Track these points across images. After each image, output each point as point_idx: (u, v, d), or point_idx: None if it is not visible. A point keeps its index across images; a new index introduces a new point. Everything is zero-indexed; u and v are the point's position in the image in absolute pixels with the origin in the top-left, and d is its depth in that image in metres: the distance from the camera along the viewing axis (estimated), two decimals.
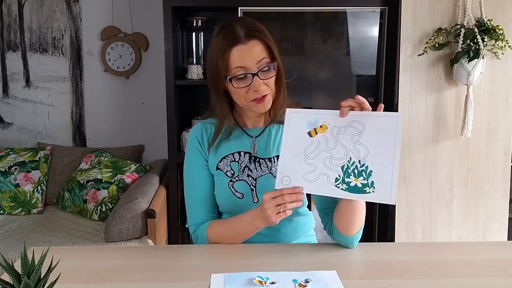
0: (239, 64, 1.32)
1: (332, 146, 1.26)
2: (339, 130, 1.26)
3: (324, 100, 2.94)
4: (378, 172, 1.21)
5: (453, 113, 2.60)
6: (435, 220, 2.67)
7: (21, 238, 2.48)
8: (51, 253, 0.97)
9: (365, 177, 1.22)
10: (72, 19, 3.19)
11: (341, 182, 1.24)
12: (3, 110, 3.29)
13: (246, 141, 1.46)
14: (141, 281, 1.18)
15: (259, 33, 1.35)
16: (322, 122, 1.28)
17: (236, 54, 1.32)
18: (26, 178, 2.90)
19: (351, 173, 1.23)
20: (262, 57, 1.34)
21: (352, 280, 1.17)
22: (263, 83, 1.34)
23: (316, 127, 1.28)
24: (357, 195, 1.23)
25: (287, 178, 1.29)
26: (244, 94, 1.36)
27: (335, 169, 1.25)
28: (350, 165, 1.23)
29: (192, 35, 2.91)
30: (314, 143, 1.28)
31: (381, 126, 1.22)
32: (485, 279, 1.19)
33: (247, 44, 1.33)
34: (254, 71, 1.33)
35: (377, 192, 1.21)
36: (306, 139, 1.29)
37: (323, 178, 1.26)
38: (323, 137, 1.27)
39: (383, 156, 1.21)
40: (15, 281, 0.88)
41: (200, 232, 1.43)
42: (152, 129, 3.25)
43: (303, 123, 1.30)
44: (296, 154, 1.29)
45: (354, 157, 1.23)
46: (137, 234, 2.44)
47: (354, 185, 1.23)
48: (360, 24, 2.81)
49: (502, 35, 2.45)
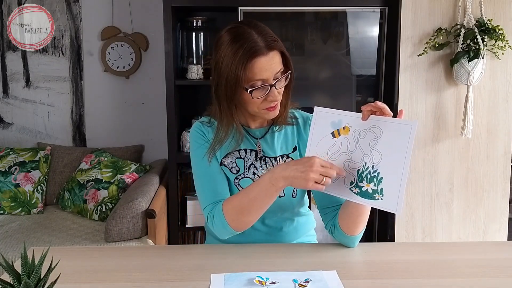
0: (258, 76, 1.30)
1: (352, 149, 1.26)
2: (360, 134, 1.25)
3: (324, 100, 2.94)
4: (387, 180, 1.21)
5: (453, 113, 2.60)
6: (435, 220, 2.67)
7: (21, 238, 2.48)
8: (51, 253, 0.97)
9: (376, 183, 1.22)
10: (72, 19, 3.19)
11: (355, 186, 1.25)
12: (3, 110, 3.29)
13: (250, 140, 1.46)
14: (141, 281, 1.18)
15: (277, 42, 1.33)
16: (345, 124, 1.27)
17: (258, 66, 1.30)
18: (26, 178, 2.90)
19: (364, 178, 1.23)
20: (280, 68, 1.34)
21: (352, 280, 1.17)
22: (278, 92, 1.35)
23: (339, 128, 1.28)
24: (367, 201, 1.23)
25: None
26: (259, 103, 1.35)
27: (352, 173, 1.25)
28: (365, 169, 1.23)
29: (192, 35, 2.91)
30: (337, 144, 1.28)
31: (396, 133, 1.21)
32: (485, 279, 1.19)
33: (268, 55, 1.30)
34: (272, 82, 1.32)
35: (384, 199, 1.21)
36: (329, 139, 1.29)
37: (340, 180, 1.27)
38: (345, 139, 1.27)
39: (394, 164, 1.20)
40: (15, 281, 0.88)
41: (217, 210, 1.34)
42: (152, 129, 3.25)
43: (328, 122, 1.30)
44: (320, 154, 1.29)
45: (369, 162, 1.23)
46: (137, 234, 2.44)
47: (366, 190, 1.23)
48: (360, 24, 2.81)
49: (502, 35, 2.45)
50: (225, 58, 1.31)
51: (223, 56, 1.32)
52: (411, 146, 1.19)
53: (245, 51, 1.28)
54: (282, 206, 1.43)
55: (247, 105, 1.37)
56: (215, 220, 1.35)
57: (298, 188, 1.44)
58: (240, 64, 1.28)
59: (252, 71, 1.29)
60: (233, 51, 1.30)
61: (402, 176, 1.19)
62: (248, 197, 1.31)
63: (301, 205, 1.52)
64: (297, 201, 1.47)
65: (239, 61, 1.29)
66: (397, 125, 1.21)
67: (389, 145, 1.21)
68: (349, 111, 1.30)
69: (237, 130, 1.42)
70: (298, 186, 1.25)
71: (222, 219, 1.33)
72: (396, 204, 1.20)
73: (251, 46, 1.29)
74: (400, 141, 1.20)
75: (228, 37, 1.32)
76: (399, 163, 1.20)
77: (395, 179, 1.20)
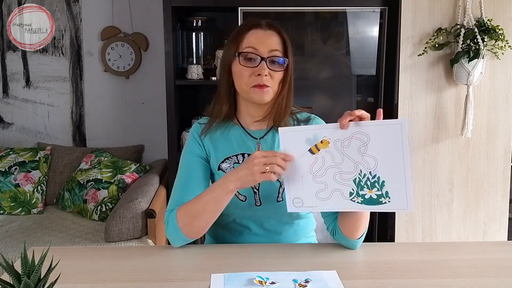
0: (252, 45, 1.35)
1: (339, 160, 1.22)
2: (342, 144, 1.22)
3: (324, 100, 2.94)
4: (391, 182, 1.19)
5: (453, 113, 2.60)
6: (435, 220, 2.67)
7: (21, 238, 2.48)
8: (51, 253, 0.97)
9: (379, 188, 1.20)
10: (72, 19, 3.19)
11: (356, 196, 1.22)
12: (3, 110, 3.29)
13: (249, 142, 1.45)
14: (141, 281, 1.18)
15: (280, 29, 1.40)
16: (322, 137, 1.23)
17: (253, 36, 1.37)
18: (26, 178, 2.90)
19: (364, 185, 1.21)
20: (276, 48, 1.36)
21: (352, 280, 1.17)
22: (268, 73, 1.35)
23: (317, 143, 1.23)
24: (374, 207, 1.21)
25: (299, 200, 1.26)
26: (247, 77, 1.36)
27: (347, 184, 1.22)
28: (362, 177, 1.21)
29: (192, 35, 2.91)
30: (319, 160, 1.23)
31: (386, 134, 1.19)
32: (485, 279, 1.19)
33: (266, 31, 1.37)
34: (264, 56, 1.35)
35: (393, 201, 1.20)
36: (308, 157, 1.24)
37: (337, 194, 1.23)
38: (327, 153, 1.23)
39: (393, 165, 1.19)
40: (15, 281, 0.88)
41: (172, 216, 1.36)
42: (152, 129, 3.25)
43: (301, 141, 1.24)
44: (302, 174, 1.25)
45: (364, 169, 1.21)
46: (137, 234, 2.44)
47: (369, 197, 1.21)
48: (360, 24, 2.80)
49: (502, 35, 2.45)
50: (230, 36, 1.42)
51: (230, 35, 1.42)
52: (407, 143, 1.18)
53: (246, 24, 1.40)
54: (281, 211, 1.41)
55: (237, 80, 1.39)
56: (168, 226, 1.37)
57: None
58: (238, 33, 1.38)
59: (247, 39, 1.37)
60: (237, 28, 1.43)
61: (405, 174, 1.18)
62: (201, 201, 1.33)
63: None
64: None
65: (238, 32, 1.39)
66: (385, 127, 1.20)
67: (381, 148, 1.19)
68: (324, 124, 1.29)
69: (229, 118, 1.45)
70: (248, 183, 1.27)
71: (175, 224, 1.34)
72: (406, 202, 1.19)
73: (252, 21, 1.40)
74: (393, 142, 1.18)
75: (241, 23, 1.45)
76: (398, 162, 1.18)
77: (399, 178, 1.19)
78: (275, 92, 1.39)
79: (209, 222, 1.35)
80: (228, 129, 1.45)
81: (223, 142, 1.45)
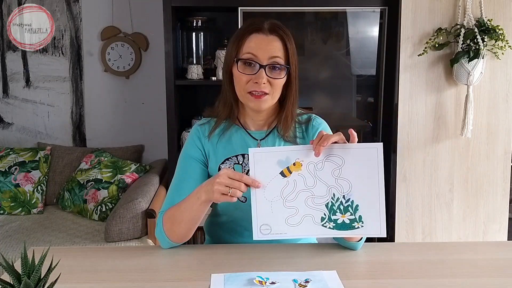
0: (251, 51, 1.32)
1: (311, 184, 1.18)
2: (315, 166, 1.18)
3: (324, 100, 2.94)
4: (365, 206, 1.17)
5: (453, 113, 2.60)
6: (435, 220, 2.67)
7: (21, 238, 2.48)
8: (51, 253, 0.97)
9: (352, 212, 1.18)
10: (72, 19, 3.19)
11: (328, 221, 1.19)
12: (3, 110, 3.29)
13: (250, 143, 1.44)
14: (141, 281, 1.18)
15: (283, 33, 1.35)
16: (295, 160, 1.19)
17: (253, 41, 1.33)
18: (26, 178, 2.90)
19: (337, 210, 1.18)
20: (277, 55, 1.33)
21: (352, 280, 1.17)
22: (267, 80, 1.33)
23: (289, 166, 1.19)
24: (346, 232, 1.19)
25: (267, 227, 1.21)
26: (245, 83, 1.34)
27: (319, 208, 1.18)
28: (335, 201, 1.18)
29: (192, 35, 2.91)
30: (291, 184, 1.19)
31: (361, 158, 1.17)
32: (485, 279, 1.19)
33: (267, 36, 1.33)
34: (263, 64, 1.32)
35: (366, 226, 1.18)
36: (280, 180, 1.19)
37: (308, 219, 1.19)
38: (299, 176, 1.19)
39: (368, 189, 1.17)
40: (15, 281, 0.88)
41: (159, 218, 1.37)
42: (152, 129, 3.25)
43: (273, 163, 1.20)
44: (272, 199, 1.20)
45: (338, 193, 1.18)
46: (137, 234, 2.44)
47: (342, 221, 1.18)
48: (360, 24, 2.80)
49: (502, 35, 2.45)
50: (232, 37, 1.39)
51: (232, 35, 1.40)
52: (382, 168, 1.16)
53: (247, 27, 1.36)
54: None
55: (236, 84, 1.37)
56: (156, 228, 1.37)
57: None
58: (239, 37, 1.35)
59: (247, 44, 1.34)
60: (239, 30, 1.39)
61: (379, 198, 1.17)
62: (180, 208, 1.33)
63: None
64: None
65: (239, 34, 1.36)
66: (361, 150, 1.18)
67: (357, 172, 1.17)
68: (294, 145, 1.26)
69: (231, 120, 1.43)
70: (210, 199, 1.24)
71: (161, 227, 1.35)
72: (379, 227, 1.18)
73: (254, 24, 1.35)
74: (368, 165, 1.17)
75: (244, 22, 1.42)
76: (373, 186, 1.17)
77: (373, 203, 1.17)
78: (274, 99, 1.38)
79: (190, 228, 1.34)
80: (229, 129, 1.45)
81: (223, 143, 1.44)
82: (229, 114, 1.43)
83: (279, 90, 1.37)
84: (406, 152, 2.62)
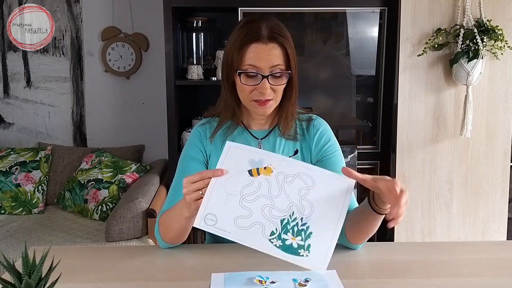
0: (252, 62, 1.31)
1: (275, 193, 1.11)
2: (285, 178, 1.12)
3: (324, 101, 2.95)
4: (317, 236, 1.08)
5: (452, 113, 2.61)
6: (434, 220, 2.68)
7: (22, 238, 2.48)
8: (52, 252, 0.97)
9: (303, 238, 1.08)
10: (72, 19, 3.20)
11: (277, 238, 1.08)
12: (4, 110, 3.30)
13: (251, 142, 1.45)
14: (141, 281, 1.18)
15: (282, 38, 1.33)
16: (267, 164, 1.13)
17: (253, 51, 1.31)
18: (27, 178, 2.90)
19: (290, 230, 1.08)
20: (278, 63, 1.32)
21: (352, 280, 1.17)
22: (270, 88, 1.33)
23: (259, 167, 1.13)
24: (289, 256, 1.07)
25: (213, 218, 1.11)
26: (248, 92, 1.34)
27: (273, 221, 1.09)
28: (291, 220, 1.09)
29: (192, 36, 2.92)
30: (255, 184, 1.12)
31: (332, 188, 1.12)
32: (485, 279, 1.19)
33: (267, 45, 1.31)
34: (265, 74, 1.31)
35: (310, 257, 1.07)
36: (245, 177, 1.13)
37: (257, 227, 1.08)
38: (266, 181, 1.12)
39: (327, 220, 1.10)
40: (16, 280, 0.88)
41: (157, 220, 1.38)
42: (152, 129, 3.25)
43: (245, 160, 1.14)
44: (230, 191, 1.12)
45: (298, 212, 1.09)
46: (137, 234, 2.44)
47: (290, 244, 1.08)
48: (359, 25, 2.81)
49: (502, 35, 2.45)
50: (230, 41, 1.36)
51: (229, 39, 1.37)
52: (347, 205, 1.11)
53: (246, 35, 1.31)
54: None
55: (239, 92, 1.37)
56: (155, 228, 1.38)
57: None
58: (237, 46, 1.32)
59: (247, 55, 1.31)
60: (236, 34, 1.34)
61: (334, 234, 1.09)
62: (169, 216, 1.32)
63: None
64: None
65: (238, 44, 1.32)
66: (335, 180, 1.13)
67: (323, 199, 1.11)
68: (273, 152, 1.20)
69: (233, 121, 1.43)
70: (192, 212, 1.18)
71: (157, 229, 1.36)
72: (323, 263, 1.07)
73: (253, 31, 1.31)
74: (336, 197, 1.11)
75: (240, 24, 1.37)
76: (333, 220, 1.10)
77: (326, 237, 1.09)
78: (278, 102, 1.38)
79: (181, 235, 1.32)
80: (230, 129, 1.45)
81: (224, 143, 1.45)
82: (232, 116, 1.44)
83: (281, 93, 1.37)
84: (406, 152, 2.63)
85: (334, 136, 1.49)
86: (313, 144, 1.45)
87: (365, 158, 2.77)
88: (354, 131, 3.00)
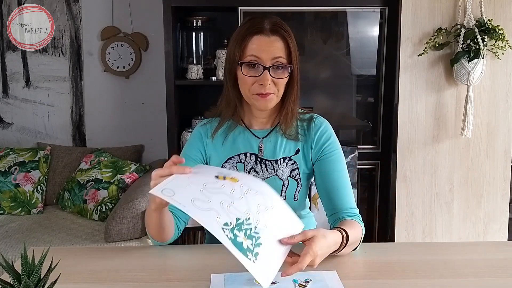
0: (254, 53, 1.32)
1: (237, 196, 1.09)
2: (249, 190, 1.11)
3: (324, 100, 2.94)
4: (266, 249, 1.05)
5: (453, 113, 2.60)
6: (435, 220, 2.67)
7: (21, 238, 2.48)
8: (51, 253, 0.96)
9: (253, 244, 1.04)
10: (72, 19, 3.19)
11: (230, 230, 1.03)
12: (3, 110, 3.29)
13: (252, 142, 1.45)
14: (141, 281, 1.18)
15: (285, 32, 1.35)
16: (234, 176, 1.14)
17: (255, 43, 1.33)
18: (26, 178, 2.90)
19: (243, 230, 1.04)
20: (279, 55, 1.33)
21: (352, 280, 1.17)
22: (272, 81, 1.34)
23: (226, 176, 1.13)
24: (238, 252, 1.02)
25: (170, 192, 1.07)
26: (250, 84, 1.35)
27: (229, 216, 1.05)
28: (246, 223, 1.06)
29: (192, 35, 2.91)
30: (219, 183, 1.11)
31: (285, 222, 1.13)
32: (485, 279, 1.19)
33: (269, 38, 1.33)
34: (267, 65, 1.32)
35: (256, 265, 1.02)
36: (210, 178, 1.12)
37: (213, 213, 1.04)
38: (230, 185, 1.11)
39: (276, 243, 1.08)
40: (15, 281, 0.88)
41: None
42: (152, 129, 3.24)
43: (213, 171, 1.16)
44: (192, 181, 1.10)
45: (253, 220, 1.06)
46: (137, 234, 2.44)
47: (241, 242, 1.03)
48: (360, 24, 2.80)
49: (502, 35, 2.45)
50: (233, 37, 1.38)
51: (232, 36, 1.39)
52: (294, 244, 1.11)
53: (248, 28, 1.34)
54: None
55: (241, 85, 1.38)
56: None
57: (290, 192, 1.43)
58: (240, 39, 1.34)
59: (249, 46, 1.33)
60: (240, 28, 1.38)
61: (280, 258, 1.08)
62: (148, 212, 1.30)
63: (302, 208, 1.51)
64: (298, 204, 1.47)
65: (240, 36, 1.34)
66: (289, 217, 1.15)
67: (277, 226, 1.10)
68: None
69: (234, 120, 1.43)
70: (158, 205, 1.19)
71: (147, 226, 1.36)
72: (267, 277, 1.03)
73: (255, 25, 1.34)
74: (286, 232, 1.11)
75: (244, 20, 1.40)
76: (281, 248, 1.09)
77: (274, 255, 1.07)
78: (279, 97, 1.39)
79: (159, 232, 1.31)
80: (232, 128, 1.45)
81: (226, 142, 1.45)
82: (233, 114, 1.44)
83: (283, 88, 1.38)
84: (406, 152, 2.62)
85: (335, 135, 1.48)
86: (313, 142, 1.44)
87: (366, 158, 2.77)
88: (355, 131, 3.00)
